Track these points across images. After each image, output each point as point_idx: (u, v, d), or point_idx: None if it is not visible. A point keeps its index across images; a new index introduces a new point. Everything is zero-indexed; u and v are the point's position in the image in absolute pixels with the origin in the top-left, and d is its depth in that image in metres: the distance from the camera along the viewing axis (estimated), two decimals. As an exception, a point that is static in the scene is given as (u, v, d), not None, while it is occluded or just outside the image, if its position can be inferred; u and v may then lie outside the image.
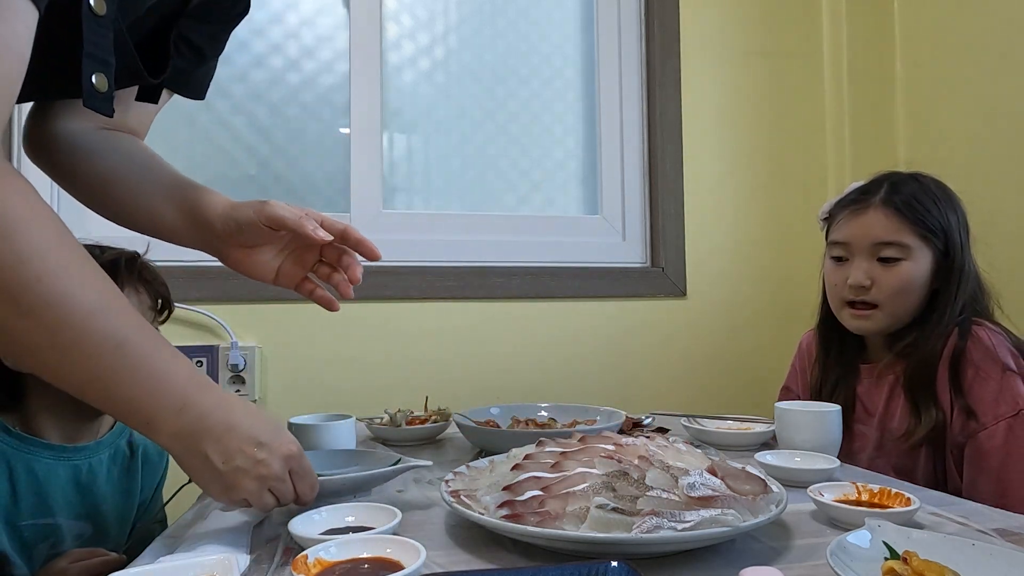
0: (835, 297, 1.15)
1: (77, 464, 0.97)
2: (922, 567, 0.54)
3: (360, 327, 1.65)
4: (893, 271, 1.08)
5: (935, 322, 1.07)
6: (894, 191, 1.10)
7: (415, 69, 1.82)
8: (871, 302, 1.10)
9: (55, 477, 0.94)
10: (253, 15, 1.68)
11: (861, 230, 1.10)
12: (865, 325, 1.12)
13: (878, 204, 1.10)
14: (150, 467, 1.09)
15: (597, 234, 1.89)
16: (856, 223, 1.11)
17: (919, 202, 1.08)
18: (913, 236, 1.07)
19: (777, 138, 1.95)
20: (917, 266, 1.08)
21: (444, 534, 0.72)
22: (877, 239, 1.09)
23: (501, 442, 1.03)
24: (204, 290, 1.55)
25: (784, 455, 0.95)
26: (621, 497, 0.63)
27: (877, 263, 1.09)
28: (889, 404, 1.13)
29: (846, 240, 1.13)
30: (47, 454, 0.94)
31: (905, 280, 1.07)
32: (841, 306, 1.14)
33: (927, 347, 1.06)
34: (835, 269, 1.14)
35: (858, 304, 1.11)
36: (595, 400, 1.40)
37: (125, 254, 1.00)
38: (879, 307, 1.10)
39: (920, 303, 1.09)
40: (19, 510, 0.90)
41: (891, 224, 1.08)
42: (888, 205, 1.09)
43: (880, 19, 1.94)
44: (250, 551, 0.67)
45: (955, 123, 1.76)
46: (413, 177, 1.82)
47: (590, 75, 1.93)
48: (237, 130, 1.70)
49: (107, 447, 1.02)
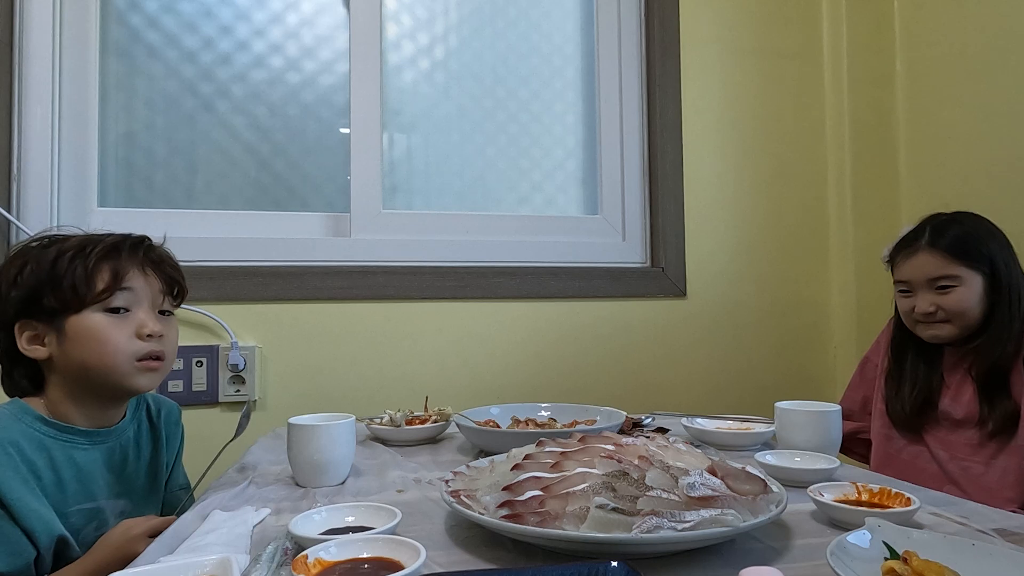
0: (909, 321, 1.33)
1: (110, 446, 0.99)
2: (922, 567, 0.54)
3: (360, 327, 1.65)
4: (951, 296, 1.25)
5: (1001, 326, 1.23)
6: (936, 234, 1.27)
7: (415, 69, 1.82)
8: (940, 319, 1.27)
9: (92, 462, 0.96)
10: (253, 15, 1.69)
11: (916, 270, 1.28)
12: (939, 334, 1.28)
13: (924, 247, 1.28)
14: (171, 437, 1.11)
15: (597, 234, 1.89)
16: (910, 265, 1.30)
17: (959, 239, 1.26)
18: (959, 267, 1.24)
19: (777, 138, 1.95)
20: (970, 290, 1.24)
21: (444, 534, 0.73)
22: (930, 276, 1.26)
23: (501, 442, 1.03)
24: (204, 290, 1.55)
25: (784, 455, 0.95)
26: (621, 497, 0.63)
27: (935, 292, 1.26)
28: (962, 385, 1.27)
29: (907, 279, 1.31)
30: (83, 441, 0.96)
31: (962, 301, 1.24)
32: (915, 324, 1.32)
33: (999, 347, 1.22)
34: (904, 300, 1.33)
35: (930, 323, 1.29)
36: (595, 400, 1.40)
37: (131, 238, 1.00)
38: (949, 321, 1.26)
39: (983, 314, 1.25)
40: (65, 497, 0.91)
41: (939, 262, 1.25)
42: (933, 247, 1.27)
43: (880, 19, 1.95)
44: (250, 551, 0.67)
45: (955, 123, 1.77)
46: (413, 177, 1.82)
47: (590, 75, 1.93)
48: (237, 130, 1.70)
49: (131, 425, 1.04)
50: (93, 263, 0.94)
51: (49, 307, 0.93)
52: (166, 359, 1.00)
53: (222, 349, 1.56)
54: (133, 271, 0.97)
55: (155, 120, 1.66)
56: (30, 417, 0.92)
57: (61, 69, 1.55)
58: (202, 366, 1.55)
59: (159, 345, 0.97)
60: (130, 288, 0.96)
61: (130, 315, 0.96)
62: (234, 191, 1.70)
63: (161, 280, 1.01)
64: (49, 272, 0.93)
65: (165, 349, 0.99)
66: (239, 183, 1.71)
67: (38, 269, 0.94)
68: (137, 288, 0.97)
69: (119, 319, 0.95)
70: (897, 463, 1.31)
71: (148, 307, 0.98)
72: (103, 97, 1.61)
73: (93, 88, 1.59)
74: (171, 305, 1.04)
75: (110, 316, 0.94)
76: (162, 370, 0.99)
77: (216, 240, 1.62)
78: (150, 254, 1.01)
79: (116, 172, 1.63)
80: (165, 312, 1.02)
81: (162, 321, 1.00)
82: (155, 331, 0.96)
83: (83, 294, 0.93)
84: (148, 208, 1.64)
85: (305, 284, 1.62)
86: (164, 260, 1.03)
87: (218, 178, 1.70)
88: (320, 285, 1.63)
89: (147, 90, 1.65)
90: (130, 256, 0.98)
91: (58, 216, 1.54)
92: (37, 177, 1.52)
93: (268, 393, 1.59)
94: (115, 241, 0.98)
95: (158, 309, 1.00)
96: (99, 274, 0.94)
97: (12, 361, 0.97)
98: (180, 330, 1.04)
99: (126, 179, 1.64)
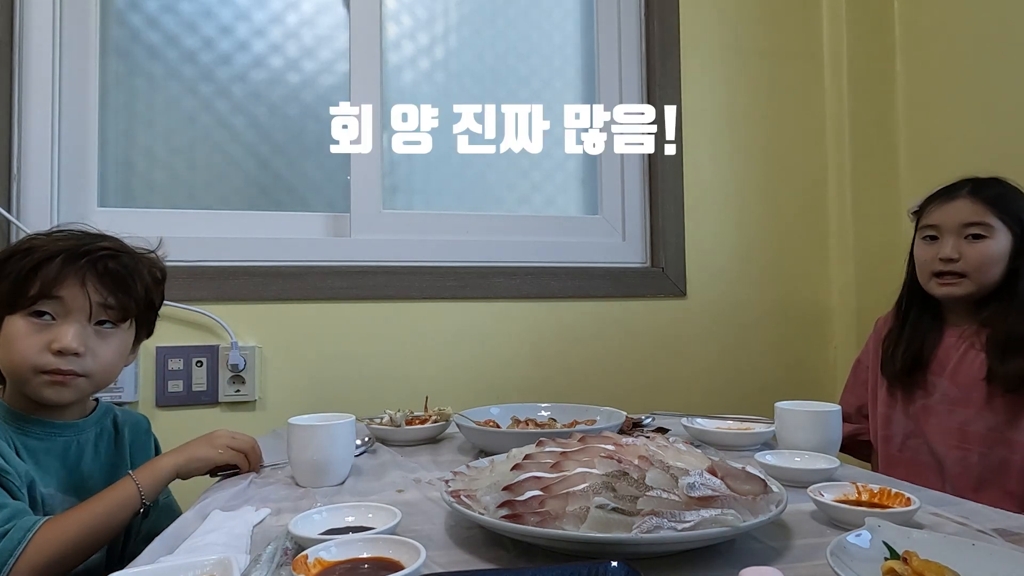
0: (924, 271, 1.31)
1: (66, 440, 0.99)
2: (922, 567, 0.54)
3: (360, 327, 1.65)
4: (978, 247, 1.24)
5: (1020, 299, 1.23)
6: (980, 185, 1.29)
7: (415, 69, 1.82)
8: (959, 272, 1.25)
9: (46, 452, 0.96)
10: (253, 15, 1.69)
11: (951, 214, 1.28)
12: (953, 291, 1.27)
13: (965, 195, 1.28)
14: (138, 444, 1.10)
15: (597, 234, 1.89)
16: (946, 209, 1.29)
17: (999, 193, 1.27)
18: (995, 218, 1.24)
19: (777, 138, 1.95)
20: (998, 243, 1.24)
21: (444, 534, 0.73)
22: (964, 220, 1.26)
23: (501, 442, 1.03)
24: (204, 290, 1.55)
25: (784, 455, 0.95)
26: (621, 497, 0.63)
27: (963, 240, 1.25)
28: (963, 359, 1.26)
29: (937, 223, 1.29)
30: (37, 430, 0.96)
31: (988, 254, 1.24)
32: (929, 278, 1.30)
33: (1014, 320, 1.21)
34: (926, 247, 1.31)
35: (946, 275, 1.27)
36: (595, 400, 1.40)
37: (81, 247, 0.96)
38: (967, 276, 1.25)
39: (1001, 277, 1.25)
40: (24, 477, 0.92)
41: (977, 208, 1.25)
42: (974, 194, 1.27)
43: (880, 19, 1.94)
44: (250, 551, 0.67)
45: (955, 123, 1.76)
46: (413, 177, 1.82)
47: (590, 75, 1.93)
48: (237, 130, 1.70)
49: (93, 425, 1.03)
50: (29, 267, 0.92)
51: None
52: (90, 375, 0.95)
53: (222, 349, 1.56)
54: (68, 281, 0.93)
55: (155, 120, 1.66)
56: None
57: (61, 69, 1.55)
58: (202, 366, 1.55)
59: (72, 362, 0.93)
60: (58, 298, 0.93)
61: (53, 326, 0.93)
62: (234, 191, 1.70)
63: (101, 292, 0.95)
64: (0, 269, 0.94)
65: (85, 365, 0.94)
66: (239, 183, 1.71)
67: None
68: (67, 299, 0.93)
69: (39, 327, 0.92)
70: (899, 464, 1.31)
71: (76, 320, 0.94)
72: (103, 97, 1.61)
73: (93, 88, 1.59)
74: (113, 318, 0.97)
75: (32, 323, 0.92)
76: (76, 386, 0.95)
77: (216, 240, 1.62)
78: (97, 265, 0.95)
79: (116, 172, 1.63)
80: (105, 323, 0.97)
81: (95, 335, 0.95)
82: (67, 347, 0.91)
83: (15, 297, 0.92)
84: (148, 208, 1.64)
85: (305, 284, 1.62)
86: (111, 272, 0.97)
87: (218, 178, 1.69)
88: (320, 285, 1.63)
89: (147, 90, 1.65)
90: (67, 264, 0.93)
91: (58, 216, 1.54)
92: (37, 177, 1.52)
93: (268, 393, 1.59)
94: (58, 247, 0.95)
95: (95, 321, 0.96)
96: (31, 280, 0.92)
97: None
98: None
99: (126, 179, 1.64)
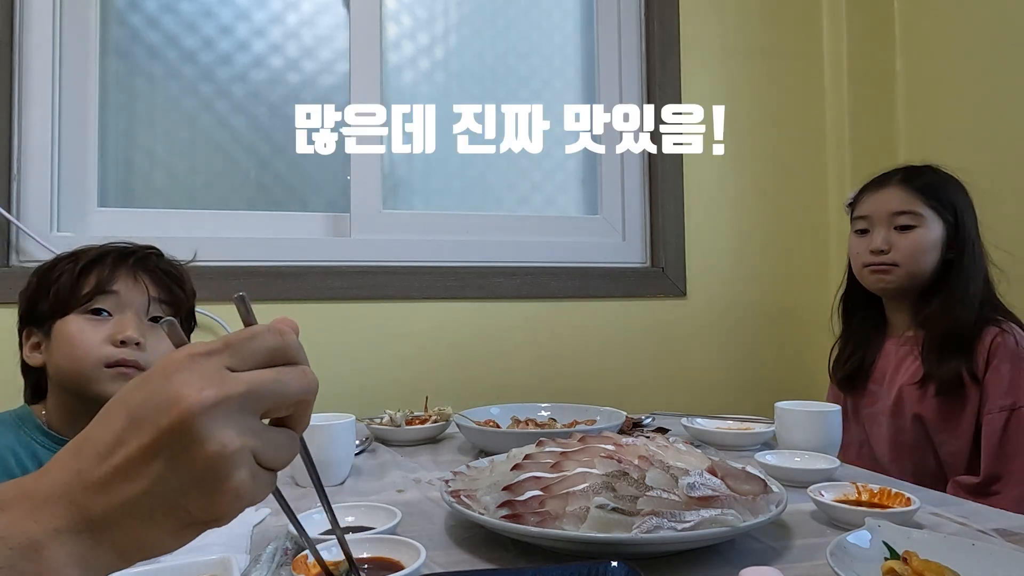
0: (857, 263, 1.31)
1: None
2: (922, 567, 0.54)
3: (360, 327, 1.65)
4: (908, 236, 1.23)
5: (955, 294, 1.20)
6: (910, 174, 1.27)
7: (415, 69, 1.82)
8: (890, 263, 1.24)
9: None
10: (253, 15, 1.69)
11: (880, 203, 1.27)
12: (885, 280, 1.25)
13: (895, 183, 1.27)
14: None
15: (597, 234, 1.89)
16: (875, 198, 1.28)
17: (930, 181, 1.25)
18: (925, 207, 1.23)
19: (777, 138, 1.95)
20: (929, 232, 1.22)
21: (444, 534, 0.73)
22: (893, 209, 1.24)
23: (501, 442, 1.03)
24: (204, 290, 1.53)
25: (784, 455, 0.95)
26: (621, 497, 0.63)
27: (894, 231, 1.24)
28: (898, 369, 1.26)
29: (867, 213, 1.28)
30: None
31: (919, 243, 1.22)
32: (862, 270, 1.30)
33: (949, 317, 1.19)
34: (858, 240, 1.30)
35: (878, 266, 1.26)
36: (595, 400, 1.40)
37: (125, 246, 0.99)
38: (898, 266, 1.24)
39: (934, 267, 1.23)
40: None
41: (906, 196, 1.24)
42: (904, 183, 1.26)
43: (880, 19, 1.94)
44: (250, 551, 0.67)
45: (955, 123, 1.76)
46: (413, 177, 1.82)
47: (590, 75, 1.93)
48: (237, 130, 1.70)
49: None
50: (81, 268, 0.94)
51: (42, 313, 0.93)
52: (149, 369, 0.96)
53: (222, 349, 1.55)
54: (120, 276, 0.95)
55: (155, 120, 1.66)
56: (30, 426, 0.93)
57: (61, 69, 1.55)
58: (202, 366, 1.54)
59: (135, 353, 0.93)
60: (114, 292, 0.94)
61: (111, 320, 0.94)
62: (234, 191, 1.70)
63: (153, 287, 0.98)
64: (44, 279, 0.94)
65: (146, 358, 0.94)
66: (239, 183, 1.71)
67: (39, 277, 0.95)
68: (123, 292, 0.95)
69: (98, 323, 0.93)
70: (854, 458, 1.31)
71: (134, 314, 0.95)
72: (103, 97, 1.61)
73: (93, 88, 1.59)
74: (165, 314, 0.99)
75: (90, 320, 0.93)
76: None
77: (216, 240, 1.62)
78: (145, 262, 0.98)
79: (116, 172, 1.63)
80: (159, 320, 0.98)
81: (151, 330, 0.96)
82: (130, 337, 0.92)
83: (68, 298, 0.92)
84: (148, 208, 1.64)
85: (305, 284, 1.62)
86: (161, 269, 1.00)
87: (218, 178, 1.69)
88: (320, 285, 1.63)
89: (147, 90, 1.65)
90: (118, 262, 0.96)
91: (58, 216, 1.54)
92: (37, 177, 1.52)
93: (268, 393, 1.59)
94: (107, 249, 0.97)
95: (149, 318, 0.97)
96: (85, 278, 0.93)
97: (24, 371, 0.98)
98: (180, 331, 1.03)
99: (126, 179, 1.64)
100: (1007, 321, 1.18)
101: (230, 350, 0.38)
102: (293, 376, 0.39)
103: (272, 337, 0.39)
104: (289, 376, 0.39)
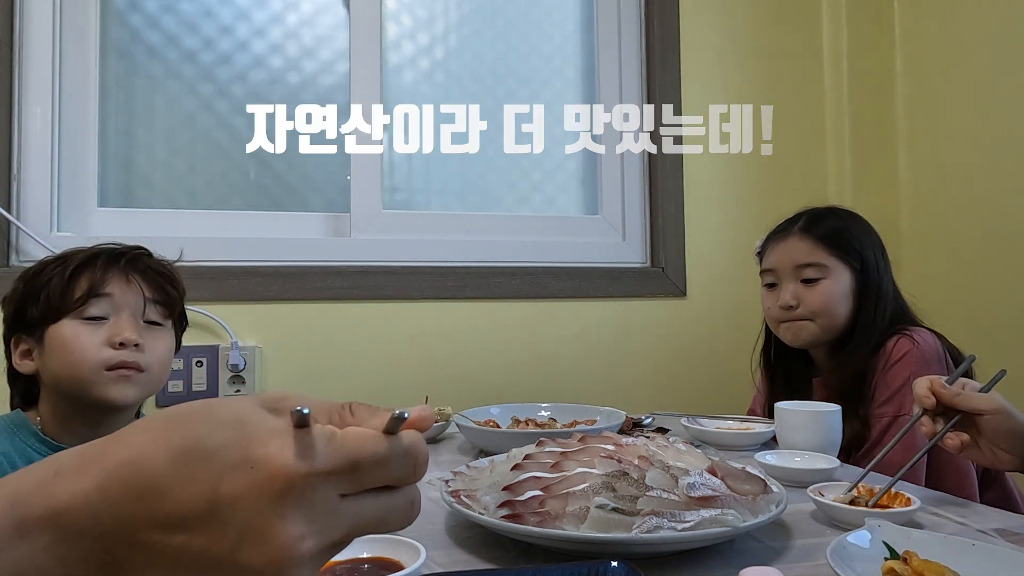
0: (771, 318, 1.28)
1: None
2: (922, 567, 0.54)
3: (360, 327, 1.65)
4: (815, 289, 1.19)
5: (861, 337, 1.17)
6: (811, 222, 1.23)
7: (415, 69, 1.82)
8: (803, 317, 1.21)
9: None
10: (253, 15, 1.69)
11: (784, 255, 1.24)
12: (800, 335, 1.22)
13: (797, 232, 1.23)
14: None
15: (597, 234, 1.89)
16: (779, 249, 1.25)
17: (834, 230, 1.21)
18: (829, 256, 1.20)
19: (777, 138, 1.95)
20: (836, 283, 1.19)
21: (444, 534, 0.73)
22: (797, 262, 1.21)
23: (501, 442, 1.03)
24: (204, 290, 1.55)
25: (784, 455, 0.95)
26: (621, 497, 0.63)
27: (801, 284, 1.21)
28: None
29: (773, 267, 1.25)
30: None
31: (826, 296, 1.18)
32: (776, 325, 1.26)
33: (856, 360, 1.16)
34: (768, 294, 1.27)
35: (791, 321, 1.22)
36: (595, 400, 1.40)
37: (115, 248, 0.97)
38: (812, 320, 1.20)
39: (848, 316, 1.19)
40: None
41: (809, 247, 1.21)
42: (805, 231, 1.22)
43: (880, 19, 1.94)
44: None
45: (955, 123, 1.76)
46: (413, 177, 1.82)
47: (590, 75, 1.93)
48: (237, 130, 1.70)
49: None
50: (71, 271, 0.92)
51: (32, 319, 0.91)
52: (148, 370, 0.94)
53: (222, 349, 1.56)
54: (113, 278, 0.94)
55: (155, 120, 1.66)
56: (25, 432, 0.91)
57: (61, 69, 1.55)
58: (202, 366, 1.55)
59: (134, 355, 0.92)
60: (108, 295, 0.93)
61: (107, 323, 0.92)
62: (234, 191, 1.70)
63: (147, 288, 0.96)
64: (33, 284, 0.92)
65: (145, 360, 0.93)
66: (239, 183, 1.71)
67: (27, 282, 0.93)
68: (116, 295, 0.93)
69: (94, 327, 0.92)
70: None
71: (129, 315, 0.94)
72: (103, 97, 1.61)
73: (93, 88, 1.59)
74: (160, 315, 0.98)
75: (85, 324, 0.91)
76: (139, 381, 0.93)
77: (216, 240, 1.62)
78: (136, 262, 0.97)
79: (116, 172, 1.63)
80: (153, 322, 0.97)
81: (147, 331, 0.95)
82: (129, 339, 0.91)
83: (59, 303, 0.91)
84: (148, 208, 1.64)
85: (305, 284, 1.62)
86: (152, 268, 0.98)
87: (218, 178, 1.69)
88: (320, 285, 1.63)
89: (147, 90, 1.65)
90: (109, 263, 0.94)
91: (58, 216, 1.54)
92: (37, 177, 1.52)
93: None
94: (96, 250, 0.95)
95: (144, 319, 0.96)
96: (76, 282, 0.92)
97: (11, 378, 0.96)
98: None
99: (126, 179, 1.64)
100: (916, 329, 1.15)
101: (356, 476, 0.33)
102: (398, 516, 0.36)
103: (403, 468, 0.35)
104: (395, 516, 0.35)
